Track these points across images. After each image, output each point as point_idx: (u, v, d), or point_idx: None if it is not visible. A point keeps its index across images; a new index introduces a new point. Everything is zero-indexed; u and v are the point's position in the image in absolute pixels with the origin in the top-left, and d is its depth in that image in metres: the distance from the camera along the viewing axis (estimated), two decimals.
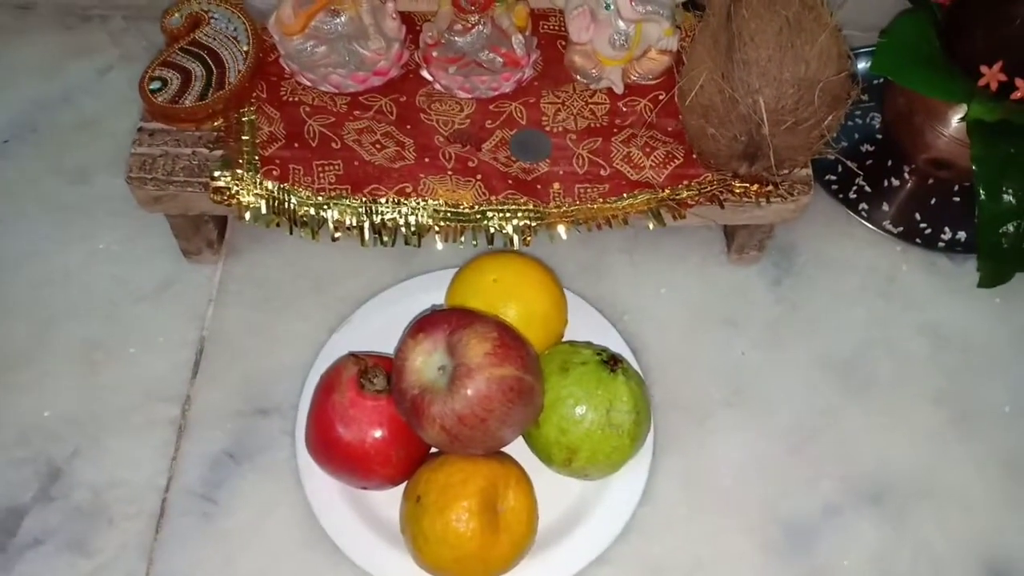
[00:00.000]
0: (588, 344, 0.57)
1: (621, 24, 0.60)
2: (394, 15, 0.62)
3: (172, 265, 0.66)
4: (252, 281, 0.65)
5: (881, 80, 0.73)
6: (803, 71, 0.53)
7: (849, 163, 0.70)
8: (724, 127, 0.56)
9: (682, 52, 0.62)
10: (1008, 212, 0.60)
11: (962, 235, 0.69)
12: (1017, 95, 0.60)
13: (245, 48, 0.62)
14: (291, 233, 0.58)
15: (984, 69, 0.61)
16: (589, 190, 0.60)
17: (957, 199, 0.71)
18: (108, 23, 0.77)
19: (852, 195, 0.71)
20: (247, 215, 0.58)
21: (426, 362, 0.50)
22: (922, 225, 0.70)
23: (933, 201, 0.71)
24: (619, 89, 0.64)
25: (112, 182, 0.67)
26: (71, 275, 0.65)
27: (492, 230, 0.59)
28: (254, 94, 0.62)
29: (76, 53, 0.75)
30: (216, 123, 0.60)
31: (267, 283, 0.65)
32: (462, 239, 0.59)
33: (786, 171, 0.58)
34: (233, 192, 0.58)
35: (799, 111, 0.54)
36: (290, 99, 0.62)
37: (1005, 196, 0.60)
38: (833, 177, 0.72)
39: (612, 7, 0.60)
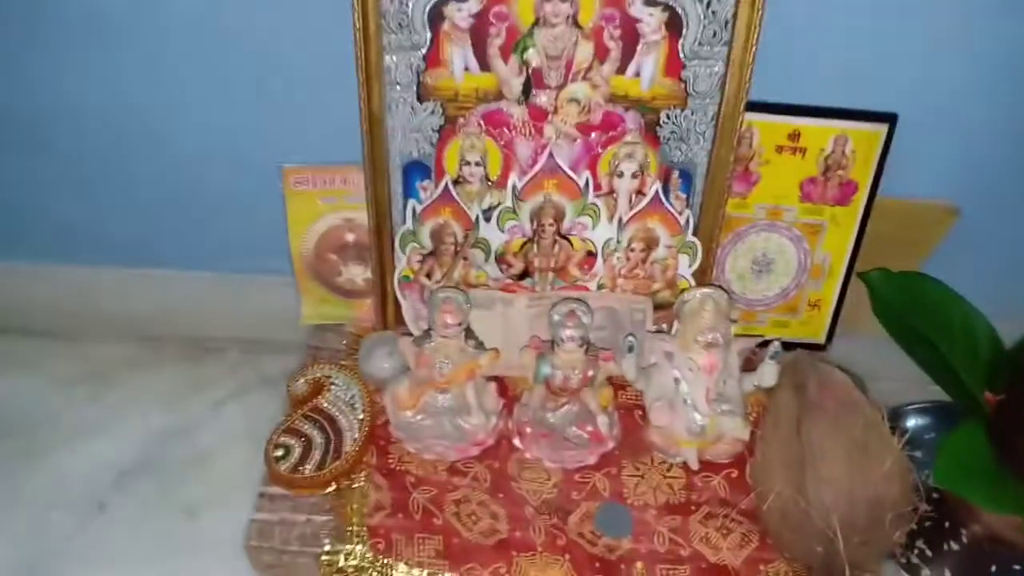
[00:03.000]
0: None
1: (697, 416, 0.67)
2: (495, 392, 0.69)
3: None
4: None
5: (933, 435, 0.77)
6: (873, 492, 0.59)
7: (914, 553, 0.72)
8: (800, 534, 0.60)
9: (754, 434, 0.68)
10: None
11: None
12: None
13: (360, 416, 0.70)
14: None
15: None
16: (671, 571, 0.64)
17: (1018, 567, 0.73)
18: (226, 355, 0.86)
19: (914, 559, 0.74)
20: None
21: None
22: None
23: (993, 569, 0.73)
24: (694, 466, 0.69)
25: (217, 517, 0.73)
26: None
27: None
28: (364, 458, 0.68)
29: (196, 386, 0.84)
30: (330, 489, 0.66)
31: None
32: None
33: (859, 572, 0.62)
34: (341, 566, 0.63)
35: (871, 531, 0.58)
36: (397, 467, 0.68)
37: None
38: None
39: (689, 402, 0.67)
